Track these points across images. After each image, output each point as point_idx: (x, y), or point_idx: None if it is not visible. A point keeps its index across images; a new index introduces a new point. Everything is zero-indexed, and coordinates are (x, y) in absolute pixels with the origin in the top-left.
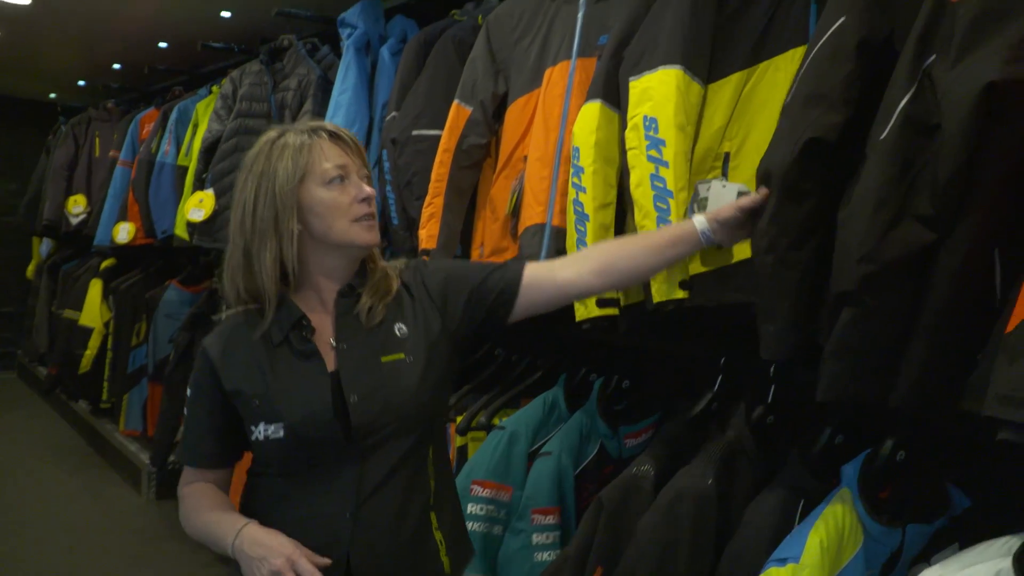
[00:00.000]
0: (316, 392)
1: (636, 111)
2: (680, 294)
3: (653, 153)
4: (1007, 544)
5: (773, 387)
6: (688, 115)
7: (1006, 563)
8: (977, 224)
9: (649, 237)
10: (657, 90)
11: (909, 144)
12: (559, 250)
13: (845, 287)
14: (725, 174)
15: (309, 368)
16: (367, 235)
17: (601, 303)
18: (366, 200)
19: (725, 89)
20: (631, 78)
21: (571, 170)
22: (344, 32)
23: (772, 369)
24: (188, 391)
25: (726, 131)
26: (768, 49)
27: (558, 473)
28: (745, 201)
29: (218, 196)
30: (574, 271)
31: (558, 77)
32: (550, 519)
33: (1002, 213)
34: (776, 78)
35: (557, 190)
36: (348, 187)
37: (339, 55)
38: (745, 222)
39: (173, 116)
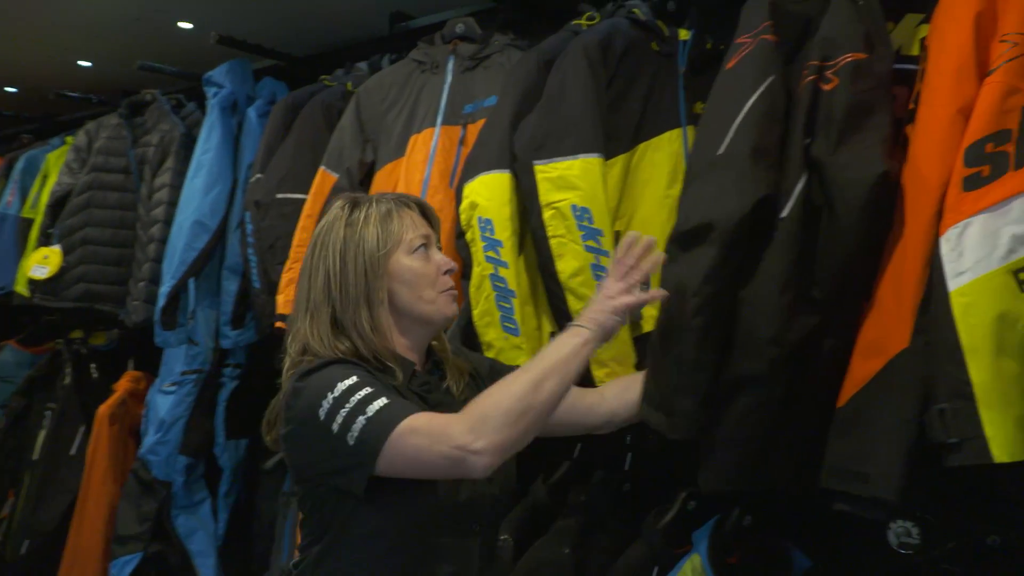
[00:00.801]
0: None
1: (558, 197)
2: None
3: (592, 244)
4: None
5: (629, 455)
6: (607, 202)
7: None
8: (855, 308)
9: None
10: (584, 179)
11: (805, 226)
12: None
13: (753, 371)
14: None
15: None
16: (452, 307)
17: None
18: (450, 271)
19: (614, 170)
20: (537, 162)
21: (483, 244)
22: (210, 91)
23: (628, 438)
24: (353, 378)
25: (617, 211)
26: (647, 131)
27: None
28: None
29: (66, 252)
30: (598, 394)
31: (422, 144)
32: None
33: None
34: (656, 158)
35: None
36: (432, 257)
37: (205, 112)
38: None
39: (20, 165)
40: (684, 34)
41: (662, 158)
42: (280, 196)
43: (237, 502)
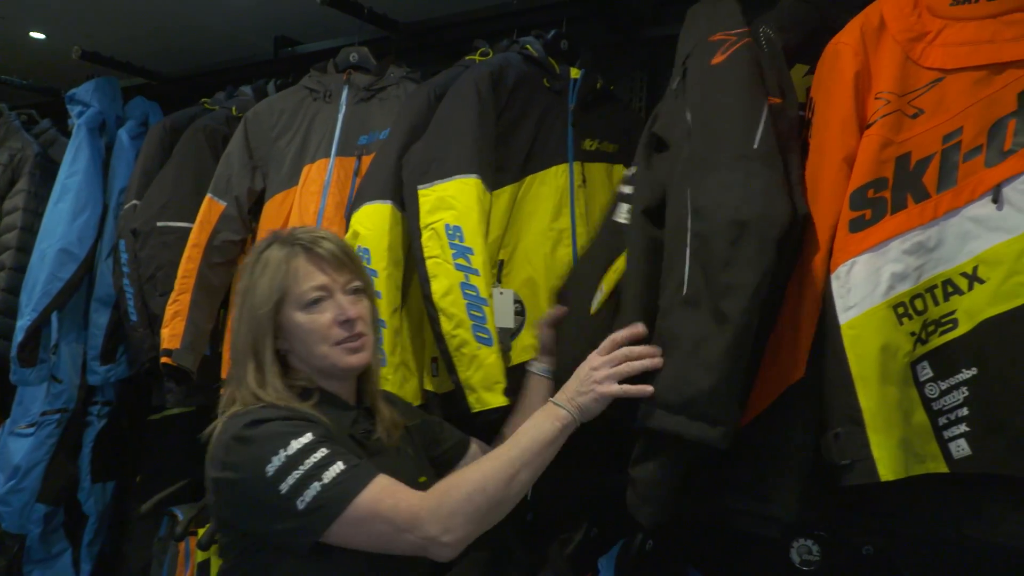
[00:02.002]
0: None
1: (434, 218)
2: (502, 401)
3: (461, 261)
4: None
5: (532, 486)
6: (486, 223)
7: None
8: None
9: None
10: (458, 199)
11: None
12: None
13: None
14: (499, 280)
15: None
16: (349, 359)
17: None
18: (348, 322)
19: (501, 200)
20: (420, 186)
21: None
22: (74, 109)
23: None
24: (308, 436)
25: (502, 240)
26: (535, 164)
27: None
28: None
29: None
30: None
31: (316, 174)
32: None
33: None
34: (542, 191)
35: None
36: (328, 308)
37: (63, 131)
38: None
39: None
40: (575, 72)
41: (548, 192)
42: (161, 224)
43: (103, 552)
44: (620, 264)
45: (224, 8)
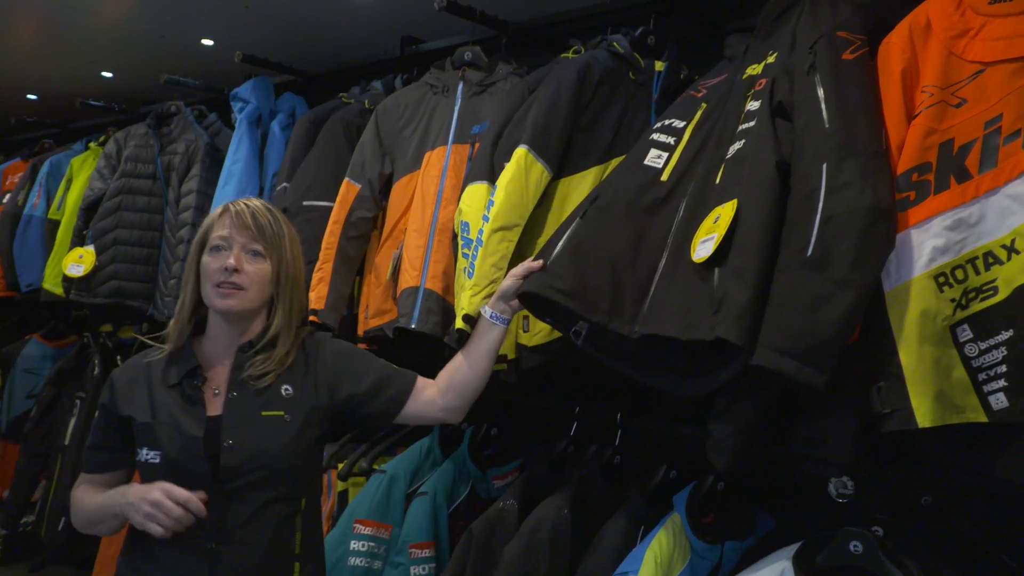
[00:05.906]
0: (193, 431)
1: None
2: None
3: (486, 212)
4: (790, 549)
5: (620, 432)
6: (520, 185)
7: (788, 563)
8: None
9: (466, 348)
10: (507, 166)
11: None
12: (430, 309)
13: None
14: None
15: (192, 411)
16: (219, 301)
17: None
18: (226, 270)
19: (585, 181)
20: (505, 163)
21: (460, 243)
22: (236, 106)
23: (619, 416)
24: (97, 411)
25: None
26: (619, 149)
27: (434, 511)
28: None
29: (99, 252)
30: (433, 390)
31: (435, 160)
32: (426, 553)
33: None
34: None
35: (431, 257)
36: (222, 257)
37: (226, 123)
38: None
39: (44, 169)
40: (660, 65)
41: None
42: (306, 203)
43: None
44: (726, 212)
45: (356, 13)
